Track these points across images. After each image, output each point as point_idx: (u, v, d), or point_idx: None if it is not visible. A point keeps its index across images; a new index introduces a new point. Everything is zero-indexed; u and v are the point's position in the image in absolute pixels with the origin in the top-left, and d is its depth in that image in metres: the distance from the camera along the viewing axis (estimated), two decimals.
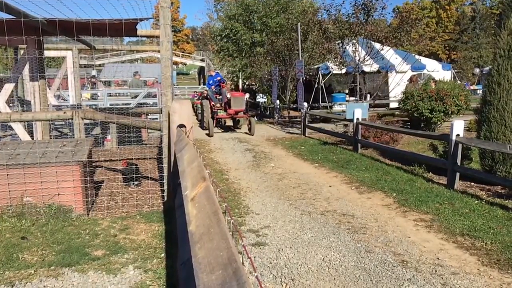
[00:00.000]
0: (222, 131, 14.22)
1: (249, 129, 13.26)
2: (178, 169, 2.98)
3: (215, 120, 13.92)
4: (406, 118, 13.48)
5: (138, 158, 8.26)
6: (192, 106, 18.34)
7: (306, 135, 12.94)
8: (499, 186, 6.31)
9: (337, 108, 17.04)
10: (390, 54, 16.16)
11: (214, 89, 14.30)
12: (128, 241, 4.44)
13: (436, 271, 3.76)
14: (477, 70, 31.11)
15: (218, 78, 14.64)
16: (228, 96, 13.50)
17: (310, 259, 4.04)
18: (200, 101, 17.55)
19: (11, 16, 5.45)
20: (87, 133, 8.40)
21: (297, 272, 3.77)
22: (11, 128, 7.36)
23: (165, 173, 5.56)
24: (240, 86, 15.71)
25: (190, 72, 66.88)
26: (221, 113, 14.00)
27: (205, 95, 15.24)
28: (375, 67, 16.05)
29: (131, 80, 15.73)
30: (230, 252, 1.17)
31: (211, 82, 14.62)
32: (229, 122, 15.13)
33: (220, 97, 14.05)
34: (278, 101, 16.63)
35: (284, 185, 6.95)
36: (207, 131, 13.08)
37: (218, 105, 13.98)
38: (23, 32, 5.41)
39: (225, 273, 1.09)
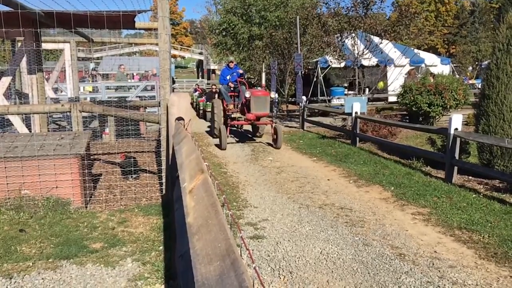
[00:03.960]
0: (237, 140, 10.85)
1: (274, 141, 9.82)
2: (176, 162, 2.97)
3: (228, 127, 10.45)
4: (405, 112, 13.47)
5: (136, 151, 8.25)
6: (192, 104, 17.79)
7: (305, 128, 12.93)
8: (497, 180, 6.32)
9: (335, 102, 17.02)
10: (389, 48, 16.16)
11: (231, 86, 10.94)
12: (126, 234, 4.45)
13: (433, 264, 3.78)
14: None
15: (240, 71, 11.18)
16: (247, 95, 9.86)
17: (308, 252, 4.05)
18: (201, 97, 17.11)
19: (8, 8, 5.41)
20: (85, 126, 8.37)
21: (295, 265, 3.78)
22: (8, 121, 7.33)
23: (163, 166, 5.55)
24: (263, 82, 11.66)
25: (189, 66, 66.60)
26: (237, 117, 10.44)
27: (214, 90, 12.69)
28: (373, 61, 16.04)
29: (117, 73, 15.60)
30: (228, 244, 1.17)
31: (228, 77, 11.04)
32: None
33: (238, 94, 10.84)
34: (276, 95, 16.57)
35: (282, 178, 6.95)
36: (217, 141, 10.19)
37: (232, 106, 10.80)
38: (20, 24, 5.37)
39: (223, 264, 1.08)
